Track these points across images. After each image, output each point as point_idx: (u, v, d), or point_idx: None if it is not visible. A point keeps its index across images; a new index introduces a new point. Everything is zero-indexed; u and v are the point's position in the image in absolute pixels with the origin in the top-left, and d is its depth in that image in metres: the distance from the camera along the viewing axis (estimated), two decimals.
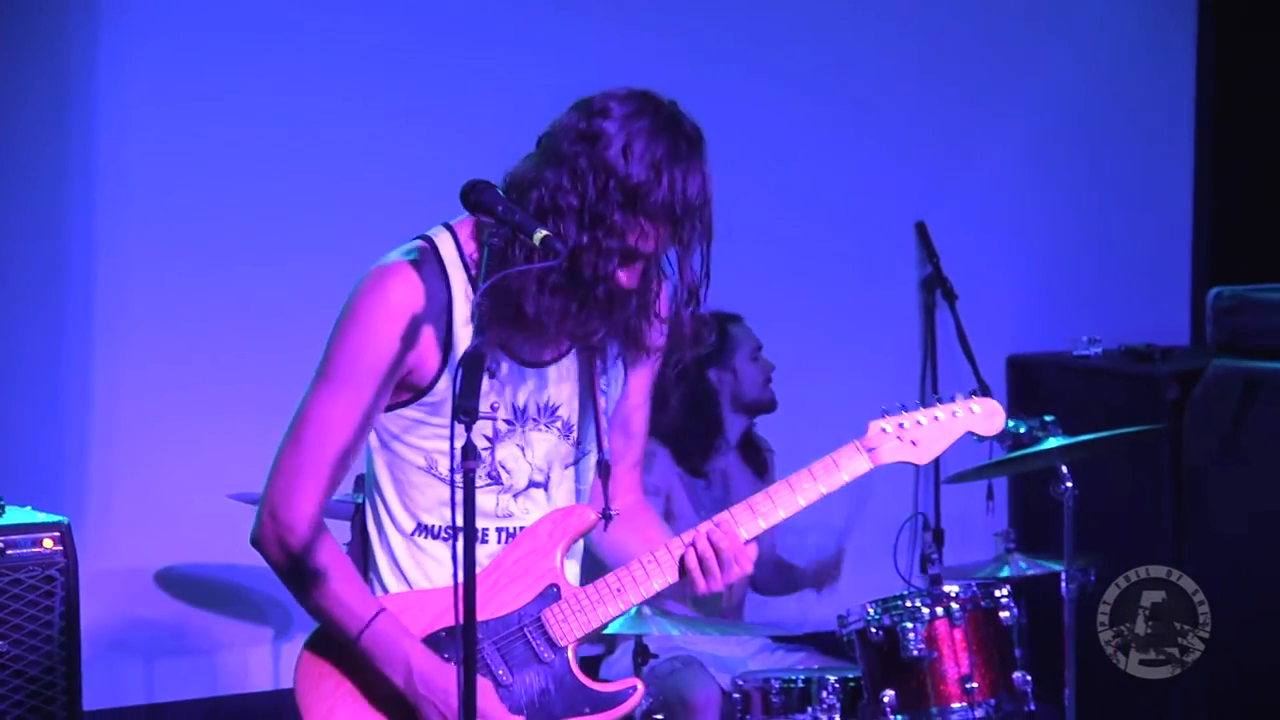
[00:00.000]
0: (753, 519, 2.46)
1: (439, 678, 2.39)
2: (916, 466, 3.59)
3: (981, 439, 3.86)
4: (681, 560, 2.48)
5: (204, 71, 4.41)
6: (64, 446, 4.32)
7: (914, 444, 2.58)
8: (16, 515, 3.37)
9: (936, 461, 4.08)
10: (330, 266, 2.83)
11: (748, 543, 2.50)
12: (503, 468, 2.44)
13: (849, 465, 2.49)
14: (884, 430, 2.54)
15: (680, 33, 4.71)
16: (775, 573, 4.61)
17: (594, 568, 2.87)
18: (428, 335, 2.42)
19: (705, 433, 4.26)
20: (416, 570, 2.48)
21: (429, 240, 2.41)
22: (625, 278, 2.41)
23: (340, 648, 2.47)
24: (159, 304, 4.38)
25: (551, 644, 2.48)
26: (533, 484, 2.53)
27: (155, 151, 4.34)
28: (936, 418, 2.59)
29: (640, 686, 2.62)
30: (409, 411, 2.46)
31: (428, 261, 2.39)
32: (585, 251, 2.37)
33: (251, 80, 4.43)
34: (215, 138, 4.41)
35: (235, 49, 4.44)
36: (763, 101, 4.97)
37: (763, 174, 4.97)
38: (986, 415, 2.63)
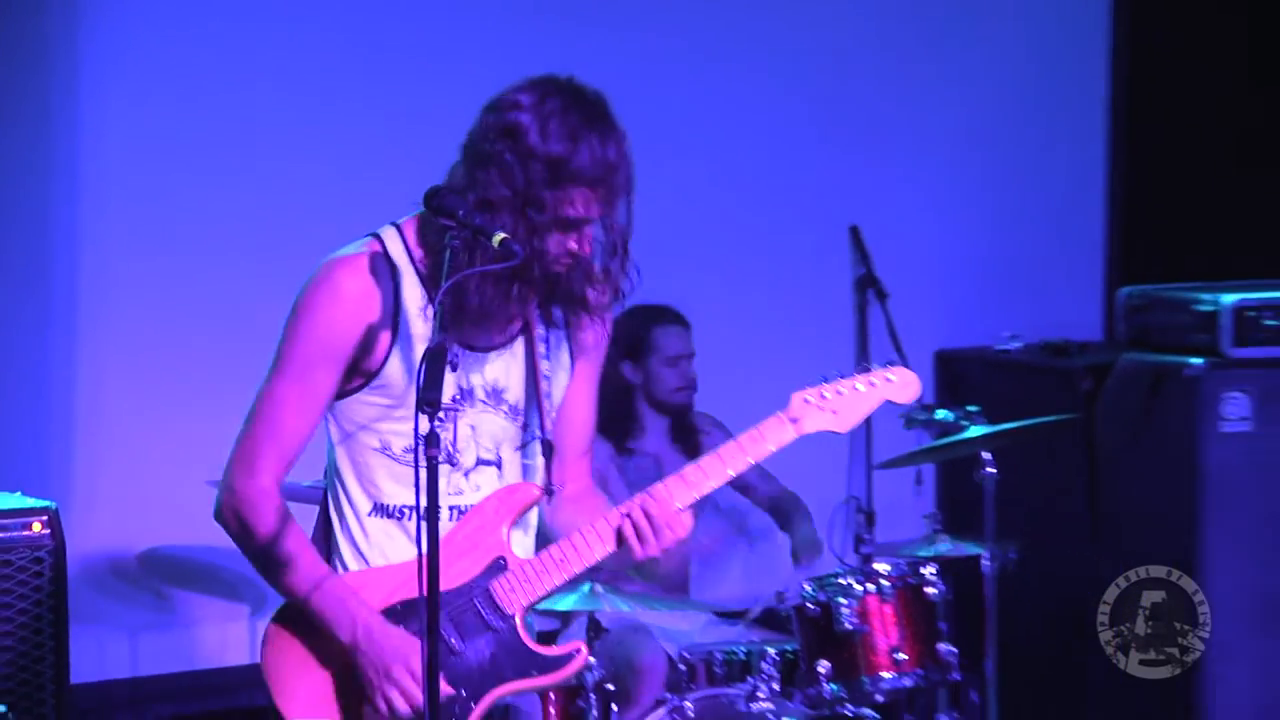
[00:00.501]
0: (685, 489, 2.52)
1: (379, 635, 2.44)
2: (848, 445, 3.96)
3: (917, 424, 4.22)
4: (618, 529, 2.54)
5: (186, 67, 4.34)
6: (51, 435, 4.33)
7: (835, 413, 2.62)
8: (7, 501, 3.44)
9: (869, 448, 4.44)
10: (307, 261, 2.73)
11: (682, 511, 2.57)
12: (454, 447, 2.49)
13: (774, 435, 2.55)
14: (806, 401, 2.59)
15: (612, 34, 4.67)
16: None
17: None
18: (377, 324, 2.47)
19: (621, 419, 4.28)
20: (374, 550, 2.53)
21: (378, 237, 2.48)
22: (575, 245, 2.47)
23: (301, 625, 2.52)
24: (142, 297, 4.38)
25: (500, 613, 2.54)
26: (481, 462, 2.57)
27: (138, 146, 4.35)
28: (856, 388, 2.64)
29: (584, 649, 2.68)
30: (366, 397, 2.50)
31: (376, 256, 2.44)
32: (533, 236, 2.42)
33: (235, 76, 4.34)
34: (197, 133, 4.36)
35: (218, 47, 4.32)
36: (702, 108, 4.90)
37: (704, 178, 4.96)
38: (902, 384, 2.69)
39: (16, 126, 4.21)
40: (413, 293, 2.48)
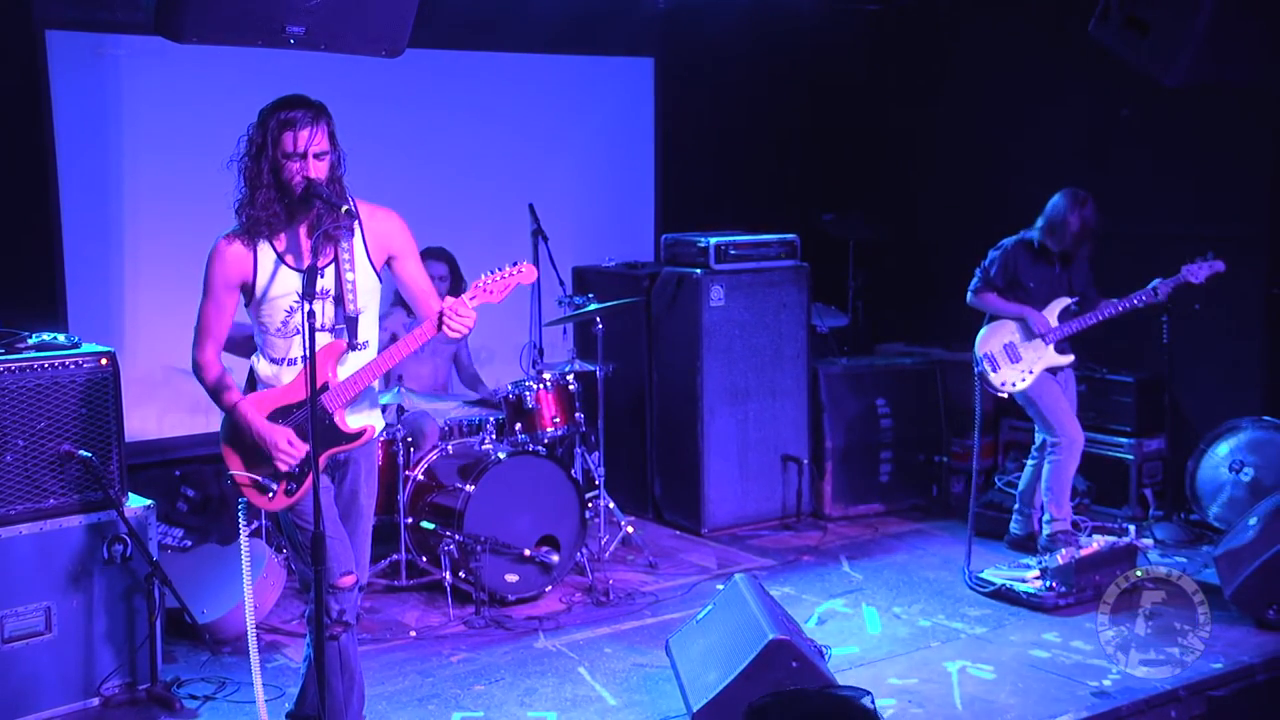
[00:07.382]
0: (464, 303, 3.02)
1: (265, 429, 3.03)
2: (530, 311, 4.75)
3: (565, 302, 4.95)
4: (440, 316, 3.00)
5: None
6: (110, 314, 5.36)
7: (489, 291, 3.12)
8: (88, 347, 3.98)
9: (540, 310, 5.31)
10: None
11: (470, 308, 2.99)
12: (311, 321, 2.86)
13: (479, 294, 3.07)
14: (481, 280, 3.12)
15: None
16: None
17: None
18: (245, 268, 3.03)
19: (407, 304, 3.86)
20: (276, 381, 3.14)
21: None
22: (312, 171, 2.89)
23: (229, 429, 3.09)
24: (160, 253, 5.32)
25: (326, 412, 3.06)
26: (321, 328, 3.01)
27: (169, 154, 5.20)
28: (499, 276, 3.10)
29: (374, 425, 3.16)
30: (256, 308, 3.02)
31: (241, 231, 3.04)
32: (279, 186, 2.87)
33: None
34: (202, 150, 4.09)
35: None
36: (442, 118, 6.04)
37: (465, 179, 6.06)
38: (528, 272, 3.16)
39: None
40: (265, 249, 3.01)
